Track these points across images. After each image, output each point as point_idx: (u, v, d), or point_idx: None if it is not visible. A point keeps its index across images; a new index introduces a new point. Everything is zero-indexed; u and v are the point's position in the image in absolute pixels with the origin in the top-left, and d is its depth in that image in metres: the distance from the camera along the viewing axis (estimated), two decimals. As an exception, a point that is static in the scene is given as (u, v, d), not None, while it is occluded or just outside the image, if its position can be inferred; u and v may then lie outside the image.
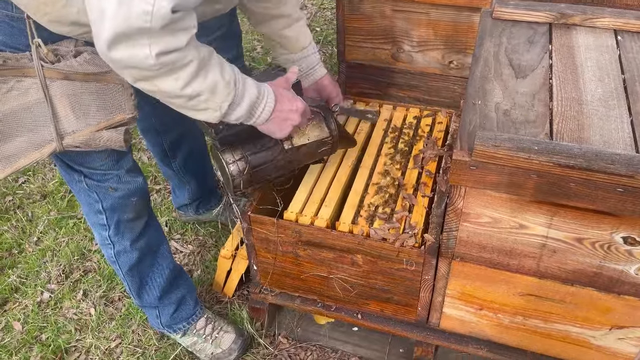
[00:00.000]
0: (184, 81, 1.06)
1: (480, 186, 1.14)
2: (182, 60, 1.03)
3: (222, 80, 1.11)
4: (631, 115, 1.17)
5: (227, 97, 1.13)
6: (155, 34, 0.96)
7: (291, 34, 1.54)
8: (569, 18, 1.45)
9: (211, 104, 1.12)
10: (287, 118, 1.29)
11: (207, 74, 1.09)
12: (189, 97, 1.10)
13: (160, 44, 0.98)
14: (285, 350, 1.78)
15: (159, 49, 0.98)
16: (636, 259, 1.18)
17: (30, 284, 2.04)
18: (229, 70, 1.13)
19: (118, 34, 0.95)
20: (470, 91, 1.27)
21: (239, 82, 1.15)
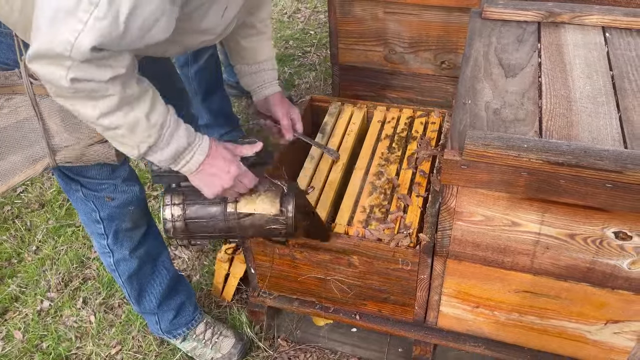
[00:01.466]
0: (101, 111, 1.03)
1: (472, 185, 1.16)
2: (101, 92, 1.01)
3: (146, 121, 1.07)
4: (619, 112, 1.19)
5: (148, 139, 1.09)
6: (75, 62, 0.94)
7: (249, 45, 1.50)
8: (557, 16, 1.47)
9: (128, 140, 1.09)
10: (216, 175, 1.21)
11: (130, 111, 1.05)
12: (105, 128, 1.07)
13: (78, 71, 0.95)
14: (285, 352, 1.79)
15: (75, 75, 0.96)
16: (628, 253, 1.19)
17: (30, 293, 2.05)
18: (159, 113, 1.10)
19: (41, 51, 0.94)
20: (460, 91, 1.28)
21: (167, 127, 1.11)
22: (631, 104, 1.20)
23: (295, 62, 3.25)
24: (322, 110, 1.91)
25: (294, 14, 3.75)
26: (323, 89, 3.00)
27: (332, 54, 2.12)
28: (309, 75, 3.12)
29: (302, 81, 3.09)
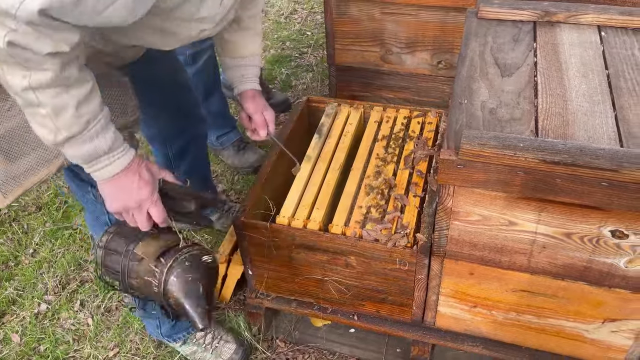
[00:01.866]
0: (30, 84, 0.96)
1: (469, 184, 1.16)
2: (37, 64, 0.94)
3: (75, 110, 1.02)
4: (615, 110, 1.19)
5: (70, 128, 1.03)
6: (19, 23, 0.88)
7: (232, 39, 1.47)
8: (553, 15, 1.47)
9: (49, 123, 1.02)
10: (125, 191, 1.16)
11: (61, 93, 1.00)
12: (28, 103, 1.00)
13: (18, 34, 0.89)
14: (283, 353, 1.79)
15: (13, 38, 0.89)
16: (625, 252, 1.19)
17: (27, 296, 2.05)
18: (92, 108, 1.05)
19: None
20: (456, 91, 1.28)
21: (94, 124, 1.06)
22: (627, 103, 1.21)
23: (292, 63, 3.25)
24: (319, 111, 1.91)
25: (290, 15, 3.75)
26: (320, 90, 3.00)
27: (328, 55, 2.12)
28: (305, 76, 3.12)
29: (299, 82, 3.08)
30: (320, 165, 1.69)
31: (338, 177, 1.66)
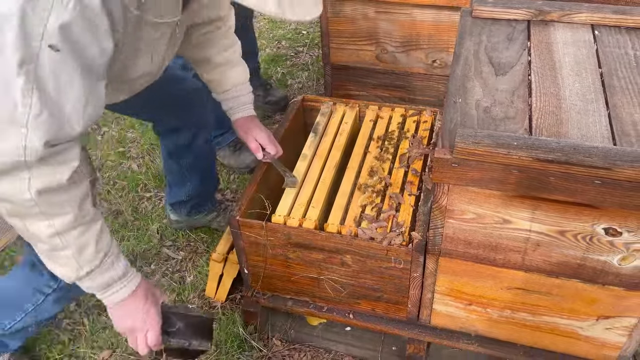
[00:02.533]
0: (56, 230, 1.06)
1: (463, 183, 1.16)
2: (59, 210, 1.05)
3: (95, 245, 1.11)
4: (608, 109, 1.20)
5: (91, 263, 1.12)
6: (33, 167, 0.98)
7: (211, 78, 1.61)
8: (547, 14, 1.48)
9: (72, 262, 1.11)
10: (132, 314, 1.23)
11: (84, 232, 1.09)
12: (52, 248, 1.09)
13: (40, 178, 0.99)
14: (279, 352, 1.79)
15: (39, 186, 1.00)
16: (618, 249, 1.20)
17: (22, 296, 2.04)
18: (107, 241, 1.15)
19: None
20: (451, 89, 1.28)
21: (109, 255, 1.15)
22: (620, 101, 1.21)
23: (288, 62, 3.25)
24: (315, 110, 1.92)
25: (286, 14, 3.75)
26: (315, 89, 3.01)
27: (323, 54, 2.12)
28: (301, 75, 3.12)
29: (294, 81, 3.09)
30: (316, 163, 1.69)
31: (334, 175, 1.66)
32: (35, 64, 0.92)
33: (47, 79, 0.94)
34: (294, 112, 1.89)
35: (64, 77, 0.96)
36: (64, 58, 0.95)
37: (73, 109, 0.99)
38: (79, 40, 0.95)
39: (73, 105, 0.99)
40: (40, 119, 0.95)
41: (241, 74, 1.63)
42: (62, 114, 0.98)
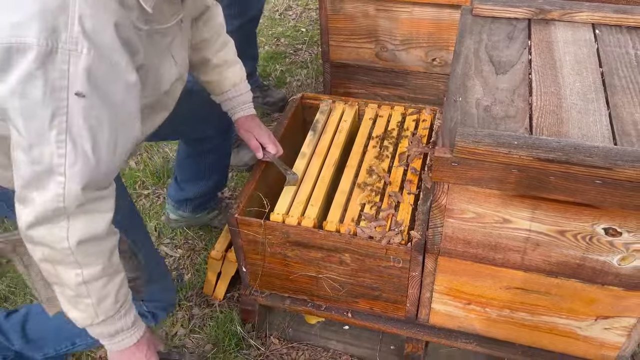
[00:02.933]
0: (83, 279, 1.10)
1: (463, 182, 1.16)
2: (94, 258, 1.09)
3: (114, 296, 1.15)
4: (609, 108, 1.19)
5: (107, 313, 1.16)
6: (72, 215, 1.04)
7: (208, 79, 1.60)
8: (547, 13, 1.47)
9: (90, 310, 1.14)
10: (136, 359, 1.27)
11: (107, 283, 1.13)
12: (77, 295, 1.12)
13: (78, 227, 1.05)
14: (277, 350, 1.79)
15: (78, 235, 1.05)
16: (618, 249, 1.20)
17: (19, 293, 2.03)
18: (124, 292, 1.19)
19: (38, 216, 1.03)
20: (451, 88, 1.28)
21: (125, 305, 1.19)
22: (620, 101, 1.21)
23: (287, 60, 3.24)
24: (314, 107, 1.91)
25: (285, 12, 3.74)
26: (314, 87, 3.00)
27: (323, 52, 2.11)
28: (300, 72, 3.11)
29: (293, 79, 3.08)
30: (315, 161, 1.69)
31: (332, 173, 1.66)
32: (66, 115, 0.97)
33: (77, 127, 0.99)
34: (292, 109, 1.88)
35: (93, 122, 1.00)
36: (91, 103, 0.99)
37: (106, 152, 1.04)
38: (102, 81, 0.99)
39: (105, 148, 1.04)
40: (76, 167, 1.01)
41: (238, 73, 1.63)
42: (96, 159, 1.02)
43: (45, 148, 1.00)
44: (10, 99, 0.97)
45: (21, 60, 0.94)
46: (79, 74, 0.96)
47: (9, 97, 0.97)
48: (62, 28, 0.94)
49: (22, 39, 0.93)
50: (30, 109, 0.97)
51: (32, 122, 0.98)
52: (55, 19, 0.94)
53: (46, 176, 1.01)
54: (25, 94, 0.96)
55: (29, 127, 0.98)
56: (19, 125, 0.99)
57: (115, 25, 1.00)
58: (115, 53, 1.00)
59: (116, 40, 1.00)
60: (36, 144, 0.99)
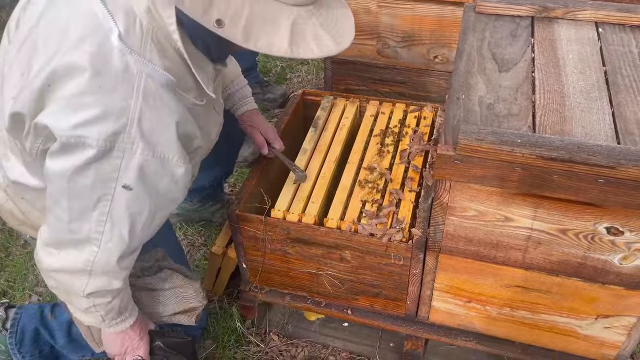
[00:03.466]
0: (93, 304, 1.20)
1: (465, 180, 1.15)
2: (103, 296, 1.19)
3: (119, 306, 1.24)
4: (612, 107, 1.19)
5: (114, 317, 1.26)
6: (94, 276, 1.13)
7: None
8: (551, 11, 1.46)
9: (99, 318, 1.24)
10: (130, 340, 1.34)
11: (112, 301, 1.22)
12: (86, 311, 1.22)
13: (96, 285, 1.15)
14: (276, 347, 1.79)
15: (92, 290, 1.15)
16: (619, 248, 1.20)
17: (18, 287, 2.03)
18: (126, 297, 1.27)
19: (66, 267, 1.13)
20: (454, 85, 1.27)
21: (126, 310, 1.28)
22: (624, 100, 1.21)
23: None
24: (315, 104, 1.90)
25: (286, 7, 3.72)
26: (315, 83, 2.99)
27: (324, 48, 2.10)
28: (301, 69, 3.10)
29: (294, 75, 3.07)
30: (316, 158, 1.68)
31: (334, 170, 1.65)
32: (110, 201, 1.05)
33: (119, 213, 1.06)
34: (293, 106, 1.88)
35: (134, 210, 1.08)
36: (136, 195, 1.06)
37: (140, 232, 1.12)
38: (151, 176, 1.06)
39: (141, 229, 1.11)
40: (110, 244, 1.09)
41: (235, 67, 1.63)
42: (130, 239, 1.11)
43: (85, 224, 1.07)
44: (57, 178, 1.03)
45: (79, 153, 0.99)
46: (130, 170, 1.02)
47: (56, 176, 1.03)
48: (121, 130, 0.99)
49: (82, 140, 0.98)
50: (77, 192, 1.03)
51: (76, 201, 1.04)
52: (115, 122, 0.98)
53: (82, 244, 1.09)
54: (74, 180, 1.02)
55: (72, 205, 1.05)
56: (62, 202, 1.05)
57: (177, 124, 1.05)
58: (170, 151, 1.05)
59: (174, 138, 1.05)
60: (77, 219, 1.07)
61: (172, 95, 1.04)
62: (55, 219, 1.09)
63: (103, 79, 0.98)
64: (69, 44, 0.99)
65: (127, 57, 0.99)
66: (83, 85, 0.97)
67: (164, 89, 1.02)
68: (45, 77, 0.99)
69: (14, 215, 1.33)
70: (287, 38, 0.95)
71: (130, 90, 0.99)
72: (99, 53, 0.98)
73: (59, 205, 1.06)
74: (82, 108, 0.97)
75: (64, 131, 0.98)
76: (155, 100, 1.01)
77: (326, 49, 0.99)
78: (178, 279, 1.43)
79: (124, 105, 0.98)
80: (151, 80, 1.00)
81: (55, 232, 1.11)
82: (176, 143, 1.06)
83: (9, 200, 1.30)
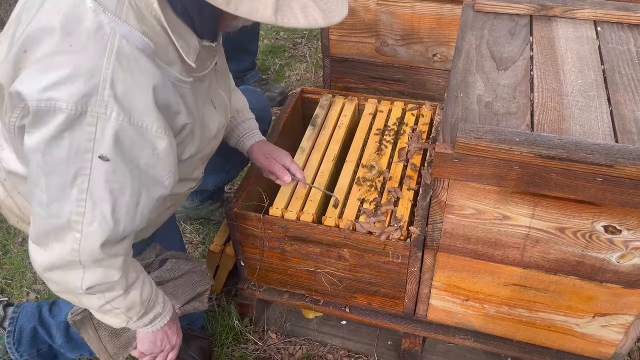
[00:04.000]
0: (106, 300, 1.15)
1: (463, 178, 1.15)
2: (109, 289, 1.14)
3: (140, 298, 1.20)
4: (610, 106, 1.19)
5: (139, 312, 1.22)
6: (87, 267, 1.07)
7: None
8: (549, 10, 1.46)
9: (122, 316, 1.20)
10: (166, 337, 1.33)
11: (128, 294, 1.17)
12: (104, 311, 1.19)
13: (92, 278, 1.09)
14: (274, 345, 1.79)
15: (90, 284, 1.09)
16: (617, 247, 1.20)
17: (15, 285, 2.03)
18: (148, 288, 1.23)
19: (54, 263, 1.07)
20: (452, 84, 1.27)
21: (152, 299, 1.24)
22: (622, 98, 1.21)
23: (286, 54, 3.23)
24: (313, 102, 1.90)
25: (284, 5, 3.72)
26: (314, 81, 2.99)
27: (323, 46, 2.10)
28: (299, 67, 3.10)
29: (292, 73, 3.07)
30: (314, 156, 1.68)
31: (332, 168, 1.65)
32: (88, 176, 0.98)
33: (98, 189, 1.00)
34: (292, 104, 1.87)
35: (115, 185, 1.01)
36: (115, 166, 0.99)
37: (125, 213, 1.05)
38: (129, 146, 0.99)
39: (125, 210, 1.04)
40: (92, 227, 1.02)
41: (241, 99, 1.56)
42: (114, 221, 1.04)
43: (65, 205, 1.01)
44: (33, 154, 0.98)
45: (50, 120, 0.94)
46: (106, 137, 0.96)
47: (32, 152, 0.98)
48: (92, 92, 0.94)
49: (52, 103, 0.93)
50: (53, 166, 0.98)
51: (53, 178, 0.99)
52: (86, 82, 0.93)
53: (64, 231, 1.03)
54: (49, 153, 0.97)
55: (50, 183, 1.00)
56: (40, 181, 1.00)
57: (154, 89, 1.00)
58: (147, 118, 1.00)
59: (151, 105, 1.00)
60: (56, 199, 1.01)
61: (149, 61, 0.99)
62: (37, 204, 1.03)
63: (73, 38, 0.93)
64: (45, 8, 0.96)
65: (100, 16, 0.94)
66: (53, 46, 0.93)
67: (140, 52, 0.97)
68: (20, 43, 0.96)
69: (12, 212, 1.31)
70: (272, 5, 0.89)
71: (102, 50, 0.94)
72: (71, 13, 0.94)
73: (38, 187, 1.01)
74: (52, 69, 0.93)
75: (34, 96, 0.93)
76: (130, 62, 0.96)
77: (313, 20, 0.93)
78: (184, 264, 1.42)
79: (96, 65, 0.93)
80: (126, 41, 0.95)
81: (38, 220, 1.05)
82: (154, 110, 1.00)
83: (8, 197, 1.28)
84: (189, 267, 1.43)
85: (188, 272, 1.43)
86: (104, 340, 1.40)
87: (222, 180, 1.99)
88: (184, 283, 1.43)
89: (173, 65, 1.05)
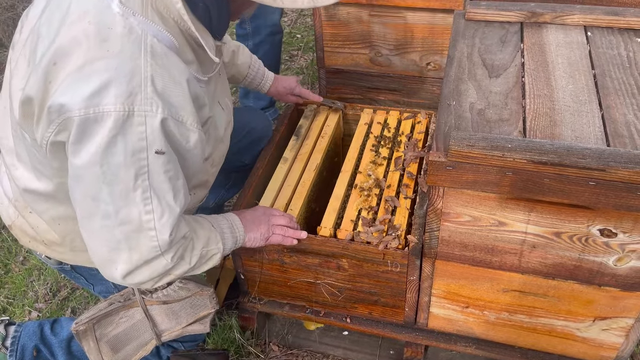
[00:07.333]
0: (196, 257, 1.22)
1: (458, 186, 1.16)
2: (186, 244, 1.18)
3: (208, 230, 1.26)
4: (602, 110, 1.20)
5: (217, 237, 1.28)
6: (166, 250, 1.12)
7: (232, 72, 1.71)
8: (539, 16, 1.48)
9: (213, 250, 1.27)
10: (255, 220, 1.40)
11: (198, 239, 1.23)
12: (200, 263, 1.25)
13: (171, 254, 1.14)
14: (276, 357, 1.79)
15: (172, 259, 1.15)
16: (614, 250, 1.20)
17: (17, 304, 2.03)
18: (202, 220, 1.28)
19: (137, 265, 1.10)
20: (444, 92, 1.28)
21: (214, 223, 1.30)
22: (613, 102, 1.21)
23: (283, 66, 3.25)
24: (309, 113, 1.91)
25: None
26: (310, 93, 3.00)
27: (318, 58, 2.12)
28: (296, 78, 3.11)
29: (289, 85, 3.08)
30: (296, 166, 1.70)
31: (314, 177, 1.66)
32: (147, 173, 1.02)
33: (159, 182, 1.04)
34: (288, 115, 1.89)
35: (171, 173, 1.06)
36: (169, 157, 1.04)
37: (183, 194, 1.11)
38: (175, 135, 1.04)
39: (183, 192, 1.11)
40: (164, 219, 1.07)
41: (247, 53, 1.72)
42: (178, 203, 1.09)
43: (132, 209, 1.03)
44: (89, 168, 0.99)
45: (99, 129, 0.96)
46: (156, 133, 1.00)
47: (88, 167, 0.99)
48: (136, 90, 0.97)
49: (99, 109, 0.95)
50: (113, 174, 1.00)
51: (116, 186, 1.01)
52: (129, 83, 0.96)
53: (138, 233, 1.06)
54: (106, 162, 0.98)
55: (114, 192, 1.01)
56: (102, 194, 1.02)
57: (187, 82, 1.04)
58: (183, 111, 1.04)
59: (188, 98, 1.04)
60: (123, 206, 1.03)
61: (178, 58, 1.05)
62: (103, 218, 1.04)
63: (109, 43, 0.96)
64: (71, 21, 0.98)
65: (130, 19, 0.98)
66: (90, 55, 0.96)
67: (169, 50, 1.02)
68: (50, 56, 0.98)
69: (24, 232, 1.31)
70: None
71: (138, 50, 0.97)
72: (101, 21, 0.97)
73: (101, 201, 1.02)
74: (93, 75, 0.95)
75: (79, 105, 0.94)
76: (163, 59, 1.00)
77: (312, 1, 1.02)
78: (192, 286, 1.43)
79: (135, 64, 0.97)
80: (157, 40, 1.00)
81: (106, 234, 1.06)
82: (190, 103, 1.05)
83: (19, 216, 1.29)
84: (197, 290, 1.44)
85: (195, 294, 1.44)
86: (103, 352, 1.40)
87: (222, 198, 2.02)
88: (189, 305, 1.44)
89: (191, 64, 1.10)
